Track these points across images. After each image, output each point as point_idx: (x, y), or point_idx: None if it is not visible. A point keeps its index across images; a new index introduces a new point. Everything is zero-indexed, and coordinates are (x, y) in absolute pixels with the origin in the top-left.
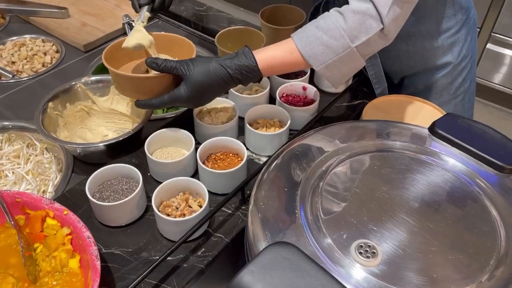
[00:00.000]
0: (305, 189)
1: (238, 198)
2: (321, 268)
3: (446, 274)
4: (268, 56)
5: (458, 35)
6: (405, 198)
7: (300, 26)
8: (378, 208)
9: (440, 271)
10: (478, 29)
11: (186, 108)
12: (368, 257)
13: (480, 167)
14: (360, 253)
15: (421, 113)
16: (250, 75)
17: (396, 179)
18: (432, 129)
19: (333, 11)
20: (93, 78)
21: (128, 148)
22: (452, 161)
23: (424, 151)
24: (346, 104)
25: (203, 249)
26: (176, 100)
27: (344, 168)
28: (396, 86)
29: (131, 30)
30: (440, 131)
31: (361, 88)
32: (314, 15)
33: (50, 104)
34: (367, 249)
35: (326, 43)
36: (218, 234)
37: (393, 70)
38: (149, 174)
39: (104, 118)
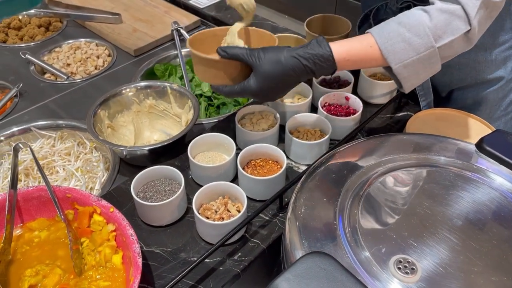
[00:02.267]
0: (345, 200)
1: (276, 205)
2: (357, 281)
3: None
4: (344, 48)
5: None
6: (448, 215)
7: (346, 36)
8: (419, 223)
9: None
10: None
11: (229, 114)
12: (407, 273)
13: None
14: (399, 268)
15: (469, 128)
16: (324, 65)
17: (439, 195)
18: (479, 145)
19: (416, 9)
20: (142, 83)
21: (172, 151)
22: (499, 179)
23: (470, 168)
24: (389, 116)
25: (239, 254)
26: (245, 91)
27: (385, 181)
28: (444, 99)
29: (179, 37)
30: (488, 148)
31: (405, 100)
32: (363, 22)
33: (101, 111)
34: (406, 264)
35: (408, 40)
36: (255, 240)
37: (442, 82)
38: (190, 177)
39: (150, 120)
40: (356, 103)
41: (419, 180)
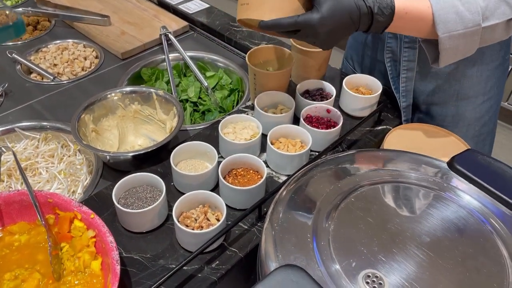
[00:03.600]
0: (320, 213)
1: (255, 214)
2: None
3: None
4: (404, 3)
5: (496, 71)
6: (417, 231)
7: (330, 50)
8: (390, 239)
9: None
10: None
11: (213, 121)
12: (374, 287)
13: (496, 206)
14: (367, 282)
15: (445, 145)
16: (382, 16)
17: (410, 212)
18: (451, 164)
19: None
20: (128, 88)
21: (155, 157)
22: (468, 198)
23: (440, 186)
24: (369, 129)
25: (217, 262)
26: (307, 24)
27: (360, 196)
28: (424, 115)
29: (167, 41)
30: (458, 167)
31: (385, 114)
32: None
33: (86, 115)
34: (374, 279)
35: (461, 13)
36: (232, 248)
37: (426, 92)
38: (172, 184)
39: (134, 125)
40: (337, 116)
41: (392, 196)
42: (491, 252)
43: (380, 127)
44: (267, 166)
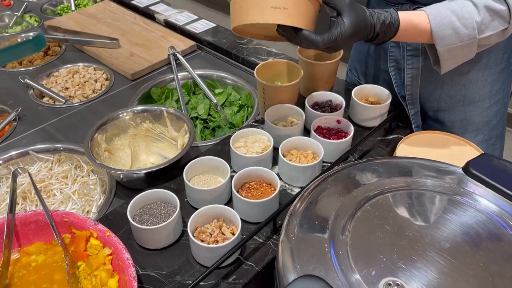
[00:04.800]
0: (336, 223)
1: (269, 227)
2: None
3: None
4: (407, 22)
5: (501, 74)
6: (436, 237)
7: (337, 61)
8: (408, 246)
9: None
10: None
11: (224, 136)
12: None
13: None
14: None
15: (457, 151)
16: (389, 31)
17: (427, 218)
18: (466, 169)
19: (468, 1)
20: (139, 107)
21: (168, 174)
22: (485, 202)
23: (457, 191)
24: (380, 138)
25: (234, 276)
26: (342, 35)
27: (375, 204)
28: (433, 122)
29: (175, 61)
30: (474, 171)
31: (396, 123)
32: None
33: (98, 135)
34: (396, 287)
35: (457, 29)
36: (249, 262)
37: (432, 99)
38: (186, 199)
39: (146, 144)
40: (347, 126)
41: (408, 203)
42: (509, 252)
43: (391, 136)
44: (280, 179)
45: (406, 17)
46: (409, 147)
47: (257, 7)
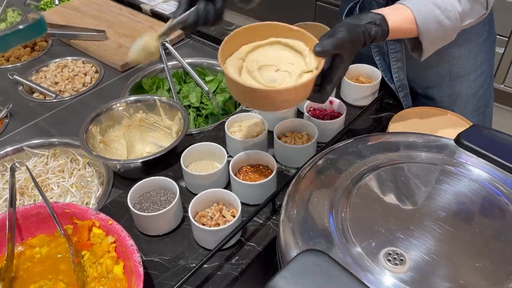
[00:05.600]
0: (334, 199)
1: (269, 208)
2: (350, 274)
3: (473, 281)
4: (396, 28)
5: (483, 45)
6: (432, 207)
7: None
8: (406, 217)
9: (467, 278)
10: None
11: (218, 123)
12: (396, 264)
13: (506, 176)
14: (389, 260)
15: (447, 124)
16: (379, 39)
17: (423, 190)
18: (457, 140)
19: None
20: (132, 98)
21: (164, 162)
22: (478, 171)
23: (450, 162)
24: (372, 117)
25: (236, 257)
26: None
27: (372, 179)
28: (423, 98)
29: (164, 50)
30: (465, 142)
31: (387, 101)
32: (348, 16)
33: (93, 127)
34: (395, 256)
35: (441, 22)
36: (250, 243)
37: (419, 78)
38: (184, 186)
39: (140, 134)
40: (340, 106)
41: (404, 177)
42: (507, 220)
43: (383, 114)
44: (276, 161)
45: (395, 25)
46: (401, 123)
47: (269, 104)
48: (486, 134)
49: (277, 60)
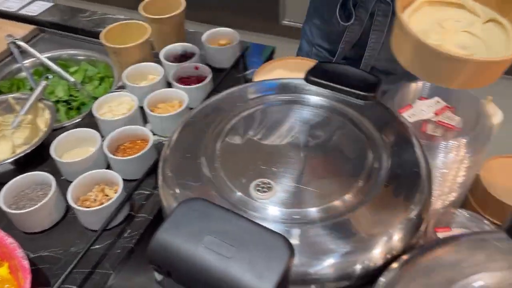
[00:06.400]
0: (205, 150)
1: (153, 178)
2: (227, 210)
3: (329, 190)
4: None
5: None
6: (288, 138)
7: (180, 12)
8: (269, 152)
9: (324, 188)
10: None
11: (89, 110)
12: (265, 191)
13: (349, 99)
14: (258, 190)
15: (304, 68)
16: None
17: (280, 126)
18: (306, 78)
19: None
20: None
21: (39, 159)
22: (324, 100)
23: (302, 98)
24: (238, 76)
25: (129, 231)
26: None
27: (237, 126)
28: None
29: (18, 48)
30: (312, 78)
31: (251, 59)
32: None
33: None
34: (264, 185)
35: None
36: (140, 215)
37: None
38: (63, 177)
39: (5, 137)
40: (205, 70)
41: (265, 118)
42: (351, 135)
43: (248, 71)
44: (155, 134)
45: None
46: (265, 74)
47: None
48: (328, 68)
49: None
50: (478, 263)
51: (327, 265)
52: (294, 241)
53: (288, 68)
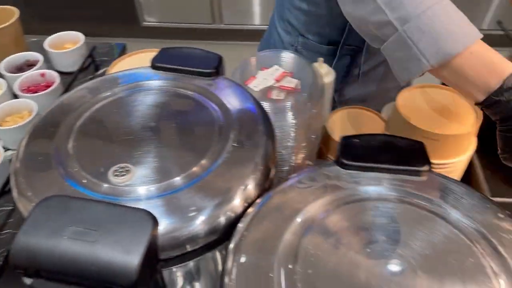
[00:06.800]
0: (58, 152)
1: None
2: (85, 200)
3: (185, 160)
4: None
5: None
6: (140, 122)
7: (15, 22)
8: (123, 139)
9: (180, 159)
10: None
11: None
12: (123, 175)
13: (195, 79)
14: (117, 175)
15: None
16: None
17: (132, 113)
18: (152, 65)
19: None
20: None
21: None
22: (171, 83)
23: (148, 85)
24: (90, 77)
25: None
26: None
27: (86, 121)
28: None
29: None
30: (157, 64)
31: (100, 59)
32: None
33: None
34: (122, 170)
35: None
36: (6, 231)
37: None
38: None
39: None
40: (52, 76)
41: (113, 108)
42: (199, 110)
43: (101, 71)
44: (8, 149)
45: None
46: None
47: None
48: (173, 53)
49: None
50: (315, 192)
51: (197, 224)
52: (162, 211)
53: (140, 61)
